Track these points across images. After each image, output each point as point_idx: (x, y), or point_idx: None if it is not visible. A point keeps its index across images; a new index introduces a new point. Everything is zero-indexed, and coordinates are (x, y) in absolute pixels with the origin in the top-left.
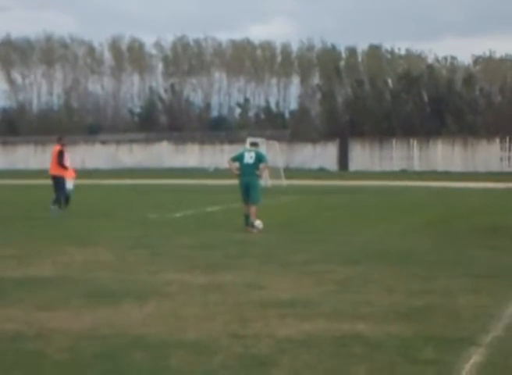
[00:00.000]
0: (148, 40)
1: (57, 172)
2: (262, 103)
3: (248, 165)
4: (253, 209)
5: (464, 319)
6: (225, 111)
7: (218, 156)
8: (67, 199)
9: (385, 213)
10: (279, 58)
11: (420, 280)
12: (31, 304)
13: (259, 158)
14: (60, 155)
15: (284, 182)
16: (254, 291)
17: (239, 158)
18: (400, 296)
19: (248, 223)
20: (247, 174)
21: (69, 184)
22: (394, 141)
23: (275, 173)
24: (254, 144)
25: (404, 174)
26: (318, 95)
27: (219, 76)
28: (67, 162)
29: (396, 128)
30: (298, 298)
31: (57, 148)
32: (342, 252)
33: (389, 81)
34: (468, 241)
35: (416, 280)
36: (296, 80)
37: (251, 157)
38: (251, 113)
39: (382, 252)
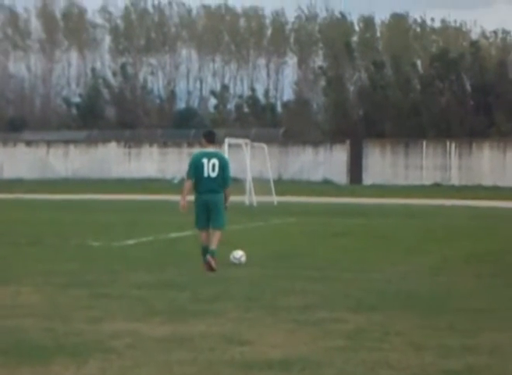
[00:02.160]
0: (91, 4)
1: None
2: (246, 92)
3: (210, 179)
4: (217, 236)
5: None
6: (195, 102)
7: (185, 163)
8: None
9: (411, 243)
10: (268, 31)
11: (458, 333)
12: None
13: (223, 168)
14: None
15: (275, 199)
16: (233, 346)
17: (195, 167)
18: (431, 355)
19: (209, 254)
20: (209, 191)
21: None
22: (424, 145)
23: (262, 186)
24: (210, 141)
25: (438, 189)
26: (322, 82)
27: (188, 54)
28: None
29: (428, 127)
30: (293, 357)
31: None
32: (353, 295)
33: (419, 64)
34: None
35: (453, 333)
36: (292, 60)
37: (214, 166)
38: (231, 105)
39: (408, 296)
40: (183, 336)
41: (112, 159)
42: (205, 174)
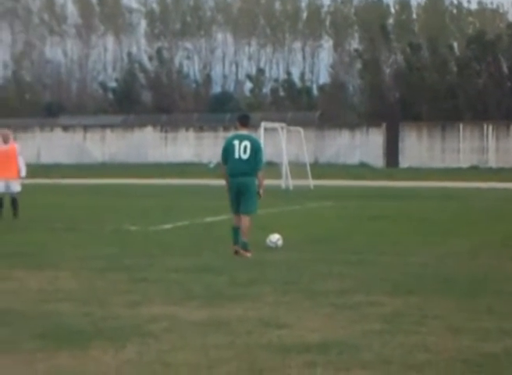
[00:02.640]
0: None
1: None
2: (282, 75)
3: (241, 160)
4: (246, 222)
5: None
6: (230, 86)
7: (221, 147)
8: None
9: (449, 226)
10: (304, 14)
11: (496, 317)
12: None
13: (256, 151)
14: None
15: (311, 183)
16: (270, 330)
17: (227, 150)
18: (468, 338)
19: (238, 241)
20: (240, 174)
21: (14, 186)
22: (461, 128)
23: (299, 170)
24: (244, 124)
25: (476, 172)
26: (358, 65)
27: (223, 38)
28: None
29: (465, 110)
30: (330, 341)
31: None
32: (390, 278)
33: (455, 46)
34: None
35: (491, 316)
36: (327, 44)
37: (245, 148)
38: (266, 89)
39: (445, 279)
40: (220, 320)
41: (149, 144)
42: (236, 156)
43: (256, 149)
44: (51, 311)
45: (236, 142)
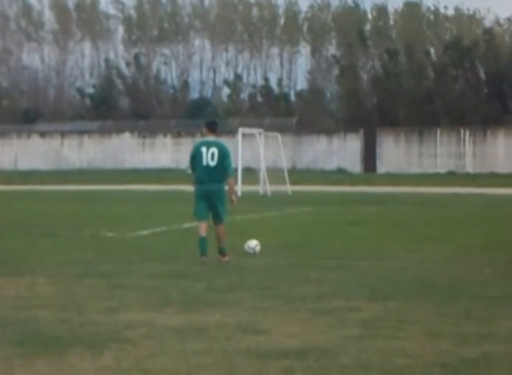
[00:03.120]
0: None
1: None
2: (259, 81)
3: (209, 167)
4: (222, 229)
5: None
6: (208, 92)
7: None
8: None
9: (427, 231)
10: (281, 20)
11: (474, 321)
12: None
13: (224, 157)
14: None
15: (289, 188)
16: (249, 336)
17: (194, 157)
18: (447, 343)
19: (205, 252)
20: (208, 180)
21: None
22: (438, 133)
23: (277, 176)
24: (212, 130)
25: (453, 177)
26: (336, 71)
27: (201, 44)
28: None
29: (442, 115)
30: (309, 346)
31: None
32: (368, 283)
33: (432, 52)
34: None
35: (469, 321)
36: (305, 49)
37: (213, 155)
38: (244, 95)
39: (423, 284)
40: (198, 326)
41: (126, 150)
42: (204, 163)
43: (224, 155)
44: (28, 317)
45: (204, 149)
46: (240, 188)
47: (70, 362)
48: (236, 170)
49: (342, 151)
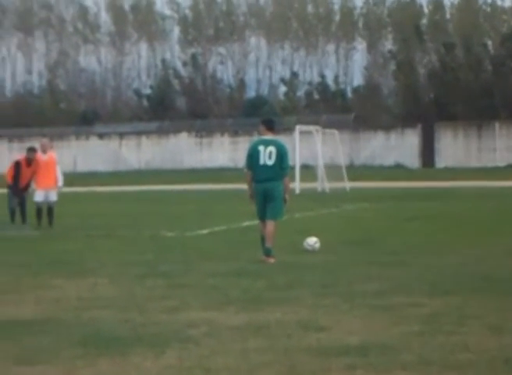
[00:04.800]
0: None
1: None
2: (316, 78)
3: (266, 166)
4: (271, 227)
5: None
6: (264, 90)
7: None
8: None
9: (486, 225)
10: (337, 17)
11: None
12: (8, 356)
13: (282, 156)
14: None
15: (347, 185)
16: (310, 333)
17: (251, 156)
18: (510, 338)
19: (264, 253)
20: (265, 179)
21: (52, 196)
22: (497, 126)
23: (334, 173)
24: (269, 128)
25: None
26: (392, 66)
27: (256, 42)
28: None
29: (500, 108)
30: (370, 343)
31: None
32: (429, 279)
33: (490, 44)
34: None
35: None
36: (361, 45)
37: (270, 154)
38: (301, 92)
39: (484, 278)
40: (258, 324)
41: (184, 150)
42: (261, 162)
43: (282, 154)
44: (90, 318)
45: (261, 148)
46: (298, 186)
47: (133, 361)
48: (293, 168)
49: (400, 147)
